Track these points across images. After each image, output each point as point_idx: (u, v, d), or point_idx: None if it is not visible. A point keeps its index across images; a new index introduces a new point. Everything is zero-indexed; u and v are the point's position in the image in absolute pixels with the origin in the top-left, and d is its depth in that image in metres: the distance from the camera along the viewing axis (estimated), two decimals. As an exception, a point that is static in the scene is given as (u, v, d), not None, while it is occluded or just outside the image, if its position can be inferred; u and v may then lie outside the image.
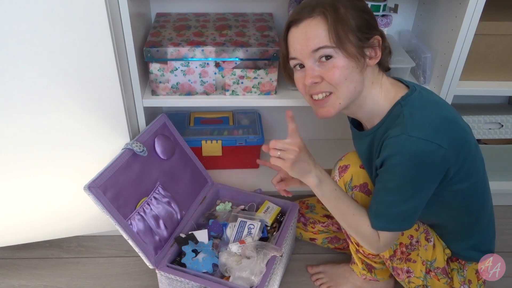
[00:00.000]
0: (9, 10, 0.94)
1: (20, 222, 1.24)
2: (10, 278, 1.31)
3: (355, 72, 0.92)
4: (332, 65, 0.92)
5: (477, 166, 0.99)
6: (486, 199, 1.05)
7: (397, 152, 0.89)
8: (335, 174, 1.09)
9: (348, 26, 0.90)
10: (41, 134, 1.11)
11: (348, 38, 0.90)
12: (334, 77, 0.92)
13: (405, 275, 1.10)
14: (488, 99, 1.57)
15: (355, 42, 0.90)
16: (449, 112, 0.94)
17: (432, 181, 0.92)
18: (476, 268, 1.09)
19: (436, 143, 0.87)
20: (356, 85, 0.94)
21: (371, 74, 0.96)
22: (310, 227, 1.38)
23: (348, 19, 0.90)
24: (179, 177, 1.31)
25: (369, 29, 0.93)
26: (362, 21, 0.92)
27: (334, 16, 0.90)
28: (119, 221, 1.09)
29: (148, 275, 1.32)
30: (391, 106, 0.96)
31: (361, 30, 0.91)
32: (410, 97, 0.94)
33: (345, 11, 0.90)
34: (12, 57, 0.99)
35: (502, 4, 1.33)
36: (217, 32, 1.31)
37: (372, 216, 0.97)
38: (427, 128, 0.88)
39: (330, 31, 0.90)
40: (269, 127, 1.69)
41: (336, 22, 0.89)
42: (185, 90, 1.28)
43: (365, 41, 0.92)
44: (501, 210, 1.57)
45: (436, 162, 0.88)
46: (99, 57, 1.05)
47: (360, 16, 0.92)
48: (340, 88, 0.93)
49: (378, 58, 0.95)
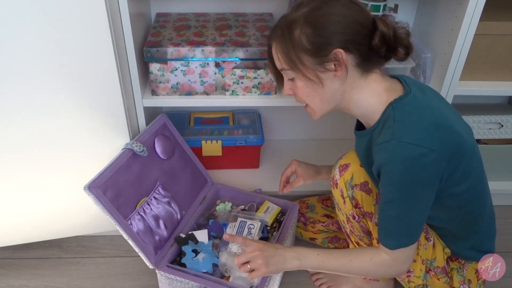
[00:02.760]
0: (9, 10, 0.94)
1: (20, 222, 1.24)
2: (10, 278, 1.31)
3: (317, 87, 0.95)
4: (294, 85, 0.98)
5: (473, 169, 0.98)
6: (484, 200, 1.04)
7: (389, 160, 0.89)
8: (336, 172, 1.09)
9: (301, 49, 0.91)
10: (41, 134, 1.11)
11: (301, 61, 0.92)
12: (298, 96, 1.00)
13: (405, 275, 1.10)
14: (488, 99, 1.57)
15: (310, 62, 0.92)
16: (442, 117, 0.92)
17: (430, 186, 0.91)
18: (476, 268, 1.08)
19: (426, 147, 0.86)
20: (321, 98, 0.97)
21: (350, 80, 0.94)
22: (310, 226, 1.38)
23: (301, 41, 0.90)
24: (179, 177, 1.31)
25: (326, 45, 0.90)
26: (319, 39, 0.90)
27: (288, 39, 0.92)
28: (119, 221, 1.09)
29: (148, 275, 1.32)
30: (384, 108, 0.95)
31: (316, 49, 0.90)
32: (403, 100, 0.93)
33: (299, 32, 0.90)
34: (12, 57, 0.99)
35: (502, 4, 1.33)
36: (217, 32, 1.31)
37: (382, 236, 0.96)
38: (417, 132, 0.87)
39: (284, 54, 0.94)
40: (269, 127, 1.70)
41: (287, 45, 0.92)
42: (185, 90, 1.28)
43: (323, 58, 0.91)
44: (501, 210, 1.56)
45: (429, 165, 0.88)
46: (99, 57, 1.05)
47: (316, 33, 0.90)
48: (308, 102, 1.00)
49: (343, 70, 0.92)
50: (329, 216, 1.36)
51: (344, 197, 1.08)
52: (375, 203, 1.05)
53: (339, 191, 1.09)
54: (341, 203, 1.10)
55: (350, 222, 1.11)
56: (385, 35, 0.91)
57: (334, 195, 1.13)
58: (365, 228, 1.10)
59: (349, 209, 1.09)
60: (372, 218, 1.06)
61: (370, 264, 0.98)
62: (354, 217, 1.09)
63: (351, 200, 1.07)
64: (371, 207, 1.05)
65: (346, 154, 1.10)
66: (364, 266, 0.99)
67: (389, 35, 0.91)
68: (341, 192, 1.08)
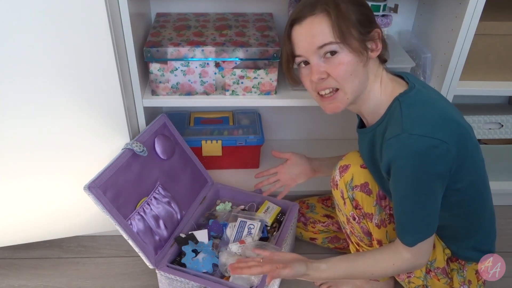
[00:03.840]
0: (9, 10, 0.94)
1: (20, 222, 1.24)
2: (10, 278, 1.31)
3: (359, 66, 0.94)
4: (337, 61, 0.93)
5: (477, 166, 0.99)
6: (486, 199, 1.05)
7: (400, 154, 0.89)
8: (336, 173, 1.09)
9: (350, 21, 0.91)
10: (41, 134, 1.11)
11: (351, 33, 0.91)
12: (341, 73, 0.93)
13: (405, 275, 1.10)
14: (488, 99, 1.57)
15: (357, 36, 0.92)
16: (447, 110, 0.94)
17: (442, 178, 0.90)
18: (476, 269, 1.08)
19: (438, 139, 0.86)
20: (360, 80, 0.95)
21: (373, 67, 0.97)
22: (311, 226, 1.38)
23: (349, 14, 0.91)
24: (179, 177, 1.31)
25: (369, 23, 0.94)
26: (362, 16, 0.93)
27: (336, 12, 0.91)
28: (119, 221, 1.09)
29: (148, 275, 1.32)
30: (390, 102, 0.96)
31: (362, 24, 0.92)
32: (408, 94, 0.94)
33: (346, 7, 0.91)
34: (12, 57, 0.99)
35: (502, 4, 1.33)
36: (217, 32, 1.31)
37: (400, 234, 0.96)
38: (427, 124, 0.88)
39: (334, 27, 0.91)
40: (269, 127, 1.70)
41: (338, 18, 0.90)
42: (185, 90, 1.28)
43: (367, 35, 0.93)
44: (501, 210, 1.57)
45: (441, 157, 0.87)
46: (99, 57, 1.05)
47: (360, 10, 0.93)
48: (346, 83, 0.95)
49: (379, 51, 0.96)
50: (329, 216, 1.36)
51: (344, 198, 1.08)
52: (375, 204, 1.05)
53: (339, 192, 1.09)
54: (341, 204, 1.10)
55: (350, 223, 1.11)
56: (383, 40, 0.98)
57: (334, 196, 1.13)
58: (365, 229, 1.10)
59: (349, 210, 1.08)
60: (372, 219, 1.06)
61: (393, 269, 0.98)
62: (354, 218, 1.09)
63: (351, 201, 1.07)
64: (371, 208, 1.05)
65: (346, 155, 1.10)
66: (388, 272, 0.99)
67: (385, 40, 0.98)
68: (341, 193, 1.08)
